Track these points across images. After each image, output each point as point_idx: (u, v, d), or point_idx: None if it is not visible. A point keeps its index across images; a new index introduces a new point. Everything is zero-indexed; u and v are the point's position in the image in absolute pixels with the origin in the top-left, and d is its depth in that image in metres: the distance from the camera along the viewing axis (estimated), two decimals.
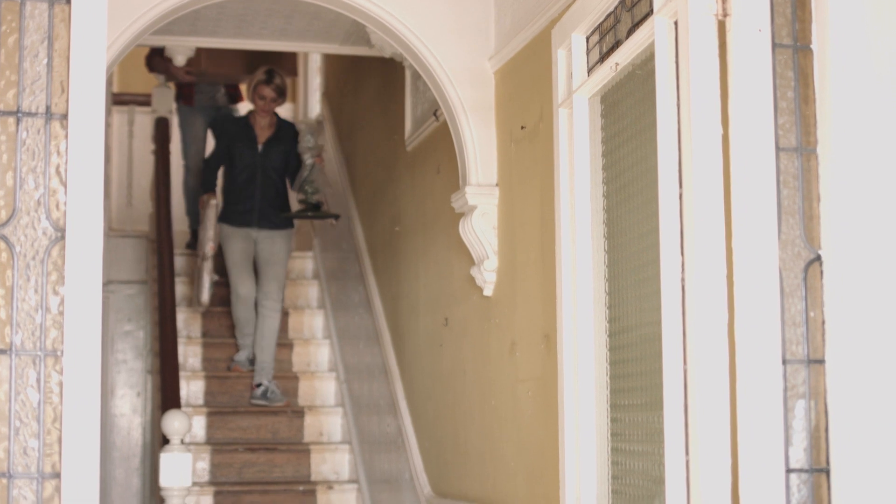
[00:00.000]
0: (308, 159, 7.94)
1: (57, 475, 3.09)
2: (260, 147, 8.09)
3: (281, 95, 8.10)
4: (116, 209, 9.59)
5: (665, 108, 3.29)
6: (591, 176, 3.96)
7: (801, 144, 3.09)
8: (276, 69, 8.14)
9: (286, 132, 8.16)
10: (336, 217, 8.22)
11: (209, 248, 7.92)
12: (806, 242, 3.06)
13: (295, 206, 8.19)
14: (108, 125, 8.62)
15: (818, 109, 3.07)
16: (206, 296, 8.04)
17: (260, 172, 8.05)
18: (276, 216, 8.09)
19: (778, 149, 3.06)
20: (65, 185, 3.11)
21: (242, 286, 8.06)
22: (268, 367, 8.05)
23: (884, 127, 3.02)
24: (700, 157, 3.06)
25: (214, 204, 7.98)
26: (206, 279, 7.98)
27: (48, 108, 3.14)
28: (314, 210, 7.99)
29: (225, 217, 8.10)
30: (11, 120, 3.12)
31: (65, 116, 3.13)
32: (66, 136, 3.12)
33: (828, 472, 3.00)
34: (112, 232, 9.05)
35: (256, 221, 8.05)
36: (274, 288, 8.08)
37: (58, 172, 3.13)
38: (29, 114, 3.13)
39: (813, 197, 3.07)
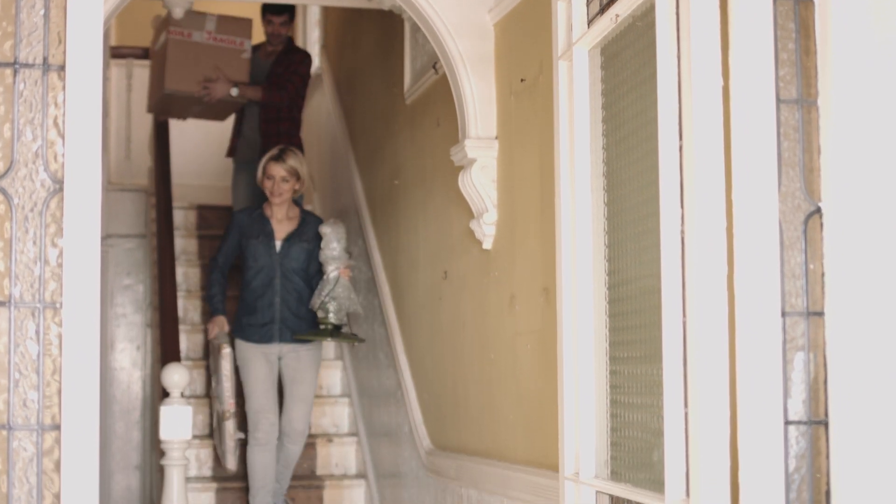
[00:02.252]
0: (332, 271, 6.71)
1: (57, 427, 3.10)
2: (278, 245, 6.87)
3: (294, 178, 6.84)
4: (115, 163, 9.58)
5: (665, 60, 3.28)
6: (591, 128, 3.95)
7: (801, 96, 3.07)
8: (293, 150, 7.00)
9: (310, 227, 6.91)
10: (360, 341, 7.04)
11: (229, 405, 6.63)
12: (806, 195, 3.06)
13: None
14: (106, 78, 8.58)
15: (819, 61, 3.06)
16: (232, 462, 6.75)
17: (279, 276, 6.84)
18: (301, 327, 6.87)
19: (778, 101, 3.05)
20: (63, 137, 3.10)
21: (264, 418, 6.75)
22: (283, 485, 6.99)
23: (885, 79, 3.01)
24: (700, 108, 3.05)
25: (228, 353, 6.62)
26: (230, 443, 6.70)
27: (45, 59, 3.12)
28: (334, 333, 6.76)
29: (240, 331, 6.87)
30: (9, 71, 3.11)
31: (62, 68, 3.12)
32: (64, 88, 3.11)
33: (826, 425, 3.01)
34: (111, 185, 9.04)
35: (278, 335, 6.84)
36: (299, 413, 6.84)
37: (56, 124, 3.12)
38: (26, 65, 3.11)
39: (813, 149, 3.06)
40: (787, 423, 3.00)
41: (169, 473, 5.82)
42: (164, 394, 6.02)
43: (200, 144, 9.39)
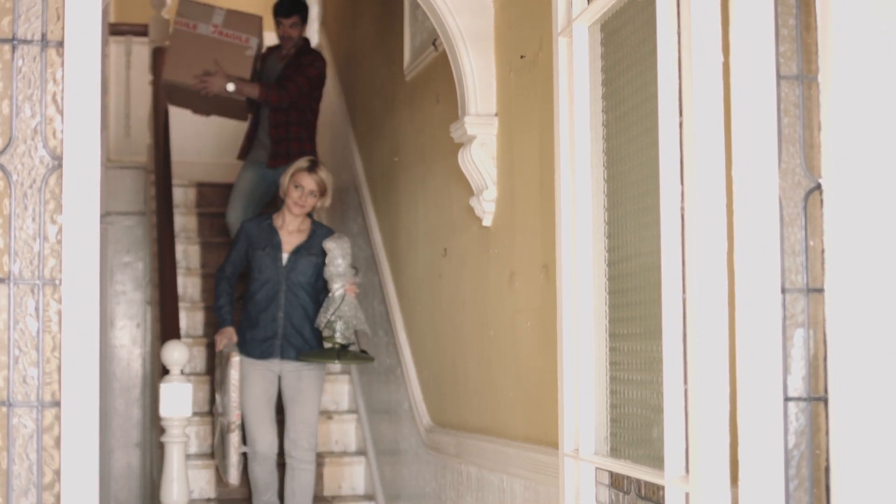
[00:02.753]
0: (338, 289, 6.44)
1: (57, 403, 3.11)
2: (285, 258, 6.61)
3: (321, 192, 6.59)
4: (114, 140, 9.57)
5: (665, 36, 3.27)
6: (591, 105, 3.94)
7: (802, 72, 3.07)
8: (323, 163, 6.84)
9: (320, 240, 6.64)
10: (369, 360, 6.72)
11: (235, 416, 6.35)
12: (806, 171, 3.05)
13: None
14: (105, 55, 8.55)
15: (820, 37, 3.05)
16: (234, 475, 6.44)
17: (284, 290, 6.59)
18: (304, 345, 6.63)
19: (779, 77, 3.04)
20: (61, 113, 3.10)
21: (262, 439, 6.56)
22: None
23: (885, 55, 3.00)
24: (700, 85, 3.04)
25: (237, 362, 6.34)
26: (234, 456, 6.40)
27: (44, 35, 3.12)
28: (341, 353, 6.47)
29: (241, 345, 6.63)
30: (7, 47, 3.11)
31: (61, 44, 3.11)
32: (63, 64, 3.10)
33: (826, 401, 3.01)
34: (110, 163, 9.03)
35: (279, 352, 6.61)
36: (304, 434, 6.64)
37: (54, 100, 3.11)
38: (24, 41, 3.11)
39: (814, 125, 3.06)
40: (787, 399, 3.00)
41: (169, 450, 5.83)
42: (164, 371, 6.03)
43: (200, 122, 9.35)
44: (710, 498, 2.98)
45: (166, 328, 7.00)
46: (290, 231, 6.64)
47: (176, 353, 5.87)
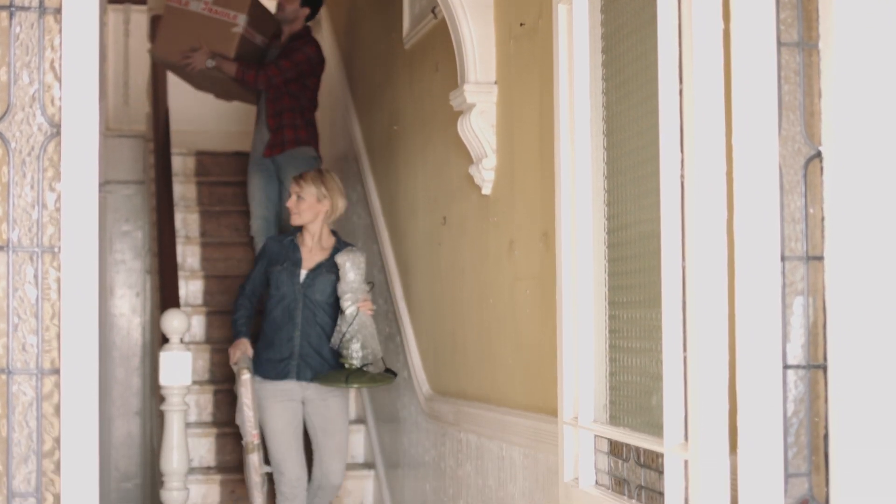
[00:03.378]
0: (350, 306, 6.11)
1: (56, 371, 3.11)
2: (302, 275, 6.27)
3: (315, 200, 6.28)
4: (113, 109, 9.55)
5: (666, 3, 3.25)
6: (591, 72, 3.93)
7: (802, 39, 3.06)
8: (322, 171, 6.40)
9: None
10: (390, 380, 6.29)
11: (252, 437, 6.01)
12: (806, 138, 3.05)
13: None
14: (103, 23, 8.52)
15: (821, 4, 3.04)
16: (259, 499, 6.09)
17: (301, 308, 6.24)
18: (324, 367, 6.27)
19: (779, 44, 3.03)
20: (59, 81, 3.09)
21: (291, 467, 6.19)
22: None
23: (886, 22, 2.99)
24: (700, 52, 3.03)
25: (247, 380, 5.98)
26: (255, 477, 6.06)
27: (41, 1, 3.11)
28: (350, 376, 6.09)
29: (258, 367, 6.25)
30: (4, 14, 3.10)
31: (58, 10, 3.10)
32: (61, 31, 3.09)
33: (825, 369, 3.01)
34: (109, 132, 9.02)
35: (295, 373, 6.23)
36: (337, 465, 6.29)
37: (52, 67, 3.11)
38: (22, 8, 3.10)
39: (814, 93, 3.05)
40: (786, 367, 3.01)
41: (169, 419, 5.84)
42: (164, 340, 6.03)
43: (198, 91, 9.34)
44: (709, 465, 2.99)
45: (166, 297, 7.01)
46: (310, 247, 6.31)
47: (175, 322, 5.88)
